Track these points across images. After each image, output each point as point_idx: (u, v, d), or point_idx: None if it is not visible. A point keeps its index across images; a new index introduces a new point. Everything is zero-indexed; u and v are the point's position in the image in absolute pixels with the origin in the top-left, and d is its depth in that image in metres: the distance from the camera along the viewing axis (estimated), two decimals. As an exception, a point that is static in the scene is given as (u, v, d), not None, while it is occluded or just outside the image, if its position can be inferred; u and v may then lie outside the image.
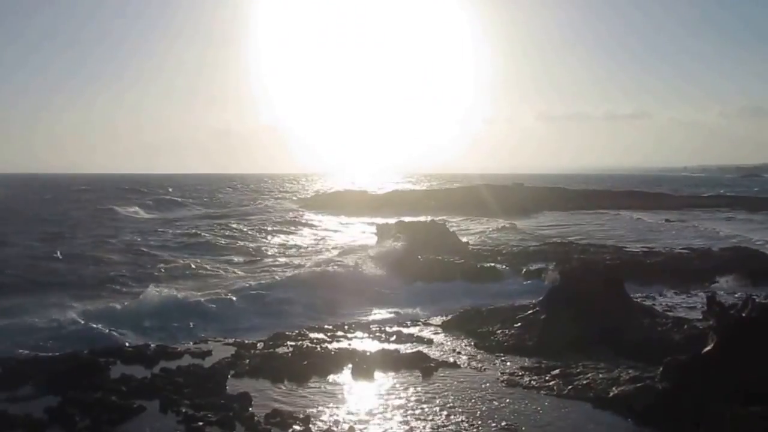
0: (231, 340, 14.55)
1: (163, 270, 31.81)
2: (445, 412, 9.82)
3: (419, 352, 13.00)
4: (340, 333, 15.12)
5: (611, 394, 10.36)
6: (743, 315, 10.17)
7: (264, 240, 47.94)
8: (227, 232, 51.06)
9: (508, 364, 12.65)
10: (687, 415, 9.26)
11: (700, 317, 15.30)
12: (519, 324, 14.81)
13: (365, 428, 9.25)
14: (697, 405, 9.28)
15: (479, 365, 12.57)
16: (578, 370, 11.62)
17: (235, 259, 37.34)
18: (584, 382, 11.04)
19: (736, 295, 18.51)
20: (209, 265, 34.07)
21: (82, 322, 18.80)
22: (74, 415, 9.23)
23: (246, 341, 14.40)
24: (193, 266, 33.12)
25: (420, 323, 16.60)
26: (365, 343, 14.02)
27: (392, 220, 40.42)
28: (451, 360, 12.77)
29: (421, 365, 12.12)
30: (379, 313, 22.04)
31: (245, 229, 53.16)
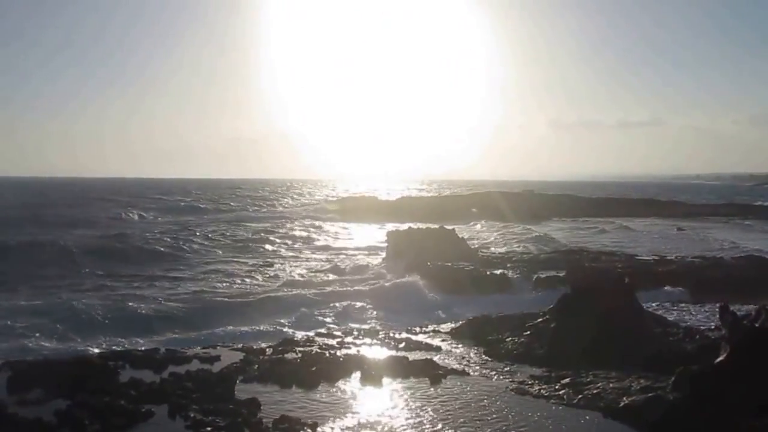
0: (239, 345, 14.55)
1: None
2: (453, 421, 9.75)
3: (428, 360, 12.94)
4: (348, 339, 15.08)
5: (622, 404, 10.25)
6: (756, 325, 10.04)
7: (276, 247, 48.10)
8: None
9: (518, 372, 12.55)
10: (699, 426, 9.14)
11: (713, 327, 15.16)
12: (529, 332, 14.70)
13: (373, 436, 9.20)
14: (710, 416, 9.16)
15: (488, 373, 12.49)
16: (588, 380, 11.51)
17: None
18: (594, 391, 10.93)
19: (749, 305, 18.28)
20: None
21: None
22: (83, 419, 9.24)
23: (254, 347, 14.40)
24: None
25: (429, 331, 16.53)
26: (374, 350, 13.98)
27: (402, 226, 40.43)
28: (460, 368, 12.69)
29: (430, 373, 12.06)
30: (388, 320, 22.02)
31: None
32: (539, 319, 15.20)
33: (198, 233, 53.30)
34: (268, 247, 47.80)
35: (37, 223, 59.15)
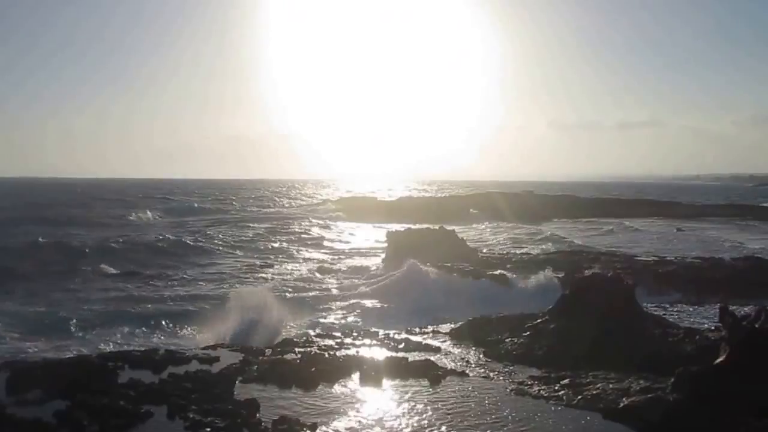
0: (238, 346, 14.55)
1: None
2: (452, 421, 9.75)
3: (427, 361, 12.93)
4: (348, 340, 15.08)
5: (621, 405, 10.24)
6: (756, 326, 10.04)
7: (272, 247, 48.11)
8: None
9: (517, 373, 12.54)
10: (699, 427, 9.14)
11: (712, 328, 15.14)
12: (528, 333, 14.69)
13: (372, 436, 9.19)
14: (710, 417, 9.16)
15: (488, 374, 12.48)
16: (588, 381, 11.50)
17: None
18: (594, 392, 10.92)
19: (749, 306, 18.27)
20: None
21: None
22: (82, 420, 9.24)
23: (254, 347, 14.40)
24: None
25: (428, 331, 16.52)
26: (373, 351, 13.97)
27: (402, 227, 40.39)
28: (460, 369, 12.68)
29: (429, 373, 12.05)
30: (387, 321, 21.99)
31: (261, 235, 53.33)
32: (539, 320, 15.19)
33: (200, 234, 53.33)
34: (270, 247, 47.82)
35: (39, 223, 59.11)
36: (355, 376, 11.89)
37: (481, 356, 13.87)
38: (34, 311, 24.57)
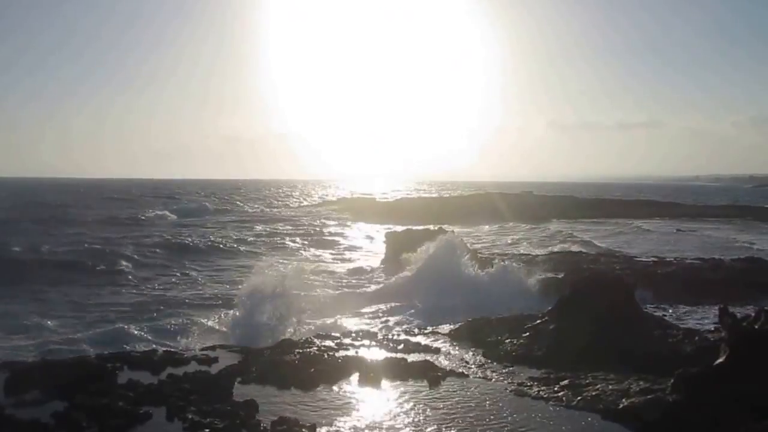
0: (237, 347, 14.53)
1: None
2: (452, 422, 9.74)
3: (427, 361, 12.91)
4: (347, 341, 15.06)
5: (621, 405, 10.23)
6: (756, 327, 10.02)
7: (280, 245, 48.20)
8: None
9: (517, 374, 12.52)
10: (698, 428, 9.12)
11: (712, 328, 15.14)
12: (528, 334, 14.67)
13: (372, 437, 9.17)
14: (709, 418, 9.14)
15: (487, 375, 12.46)
16: (587, 381, 11.49)
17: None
18: (593, 393, 10.91)
19: (749, 307, 18.26)
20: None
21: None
22: (81, 421, 9.22)
23: (253, 348, 14.39)
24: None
25: (428, 332, 16.50)
26: (372, 352, 13.95)
27: (401, 228, 40.41)
28: (459, 369, 12.66)
29: (429, 374, 12.03)
30: (387, 321, 21.99)
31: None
32: (538, 321, 15.17)
33: (203, 234, 53.43)
34: (273, 246, 47.98)
35: (41, 223, 59.10)
36: (354, 377, 11.87)
37: (480, 357, 13.84)
38: (33, 311, 24.57)
